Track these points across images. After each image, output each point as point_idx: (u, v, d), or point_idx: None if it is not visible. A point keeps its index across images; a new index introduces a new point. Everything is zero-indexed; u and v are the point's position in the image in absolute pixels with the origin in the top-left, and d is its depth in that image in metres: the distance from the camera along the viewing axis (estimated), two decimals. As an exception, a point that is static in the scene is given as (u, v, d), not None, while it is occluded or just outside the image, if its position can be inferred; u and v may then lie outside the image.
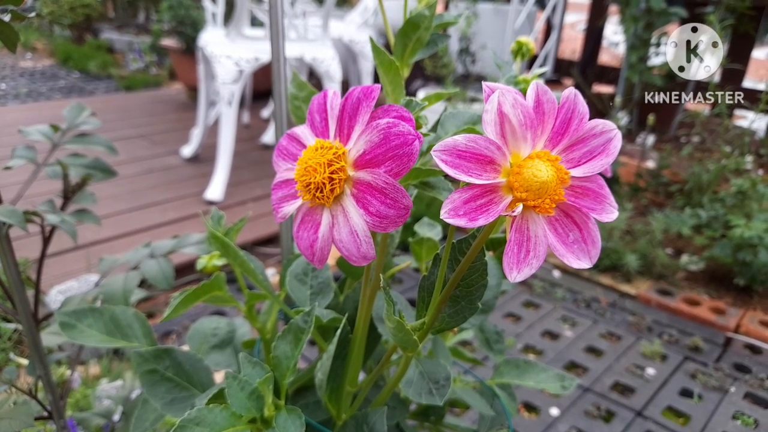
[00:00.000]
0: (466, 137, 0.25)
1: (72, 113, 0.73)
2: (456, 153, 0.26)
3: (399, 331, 0.33)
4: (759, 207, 1.73)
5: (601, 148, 0.27)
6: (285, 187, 0.34)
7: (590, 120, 0.27)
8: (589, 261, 0.27)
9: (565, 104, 0.27)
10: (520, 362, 0.64)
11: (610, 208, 0.28)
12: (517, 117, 0.26)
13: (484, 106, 0.26)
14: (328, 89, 0.34)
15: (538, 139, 0.27)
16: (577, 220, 0.27)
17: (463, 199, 0.26)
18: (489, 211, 0.26)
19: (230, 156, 2.14)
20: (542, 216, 0.27)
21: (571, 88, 0.27)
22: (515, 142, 0.26)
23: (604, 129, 0.27)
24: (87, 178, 0.63)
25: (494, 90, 0.26)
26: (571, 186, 0.27)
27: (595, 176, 0.28)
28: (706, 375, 1.40)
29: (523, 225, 0.27)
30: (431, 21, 0.50)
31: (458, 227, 0.26)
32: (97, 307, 0.57)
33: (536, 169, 0.26)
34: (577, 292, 1.77)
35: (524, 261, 0.26)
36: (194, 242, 0.64)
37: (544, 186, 0.26)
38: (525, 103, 0.26)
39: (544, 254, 0.27)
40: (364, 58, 2.65)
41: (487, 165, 0.26)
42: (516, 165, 0.26)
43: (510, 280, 0.26)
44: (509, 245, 0.26)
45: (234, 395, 0.38)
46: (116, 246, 1.77)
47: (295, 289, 0.49)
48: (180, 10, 3.19)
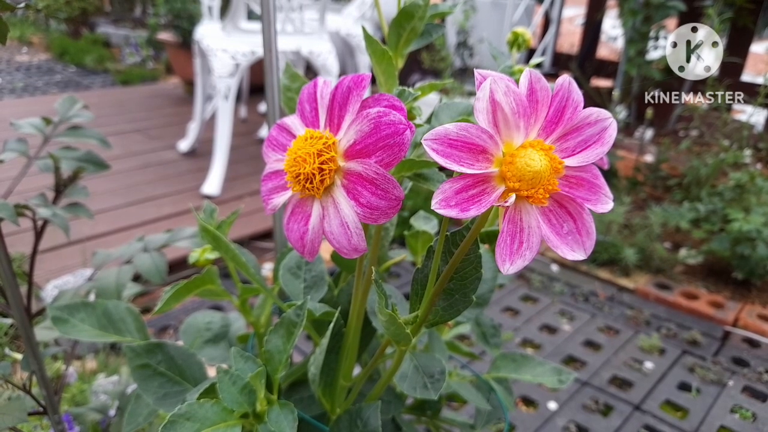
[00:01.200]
0: (458, 126, 0.25)
1: (64, 106, 0.72)
2: (447, 142, 0.25)
3: (391, 325, 0.32)
4: (757, 201, 1.73)
5: (596, 137, 0.27)
6: (275, 178, 0.34)
7: (585, 108, 0.27)
8: (584, 252, 0.27)
9: (559, 92, 0.27)
10: (516, 356, 0.63)
11: (605, 199, 0.28)
12: (510, 105, 0.25)
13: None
14: (318, 78, 0.33)
15: (531, 128, 0.26)
16: (572, 210, 0.27)
17: (454, 190, 0.25)
18: (481, 201, 0.25)
19: (227, 150, 2.13)
20: (535, 206, 0.26)
21: (565, 76, 0.27)
22: (508, 131, 0.26)
23: (599, 117, 0.27)
24: (79, 171, 0.62)
25: (486, 77, 0.25)
26: (565, 176, 0.27)
27: (589, 166, 0.27)
28: (704, 369, 1.40)
29: (516, 216, 0.26)
30: (425, 11, 0.49)
31: (452, 219, 0.26)
32: (89, 302, 0.56)
33: (529, 158, 0.25)
34: (575, 286, 1.77)
35: (517, 252, 0.26)
36: (187, 236, 0.64)
37: (538, 176, 0.25)
38: (518, 91, 0.25)
39: (538, 245, 0.26)
40: (361, 52, 2.63)
41: (479, 154, 0.26)
42: (509, 154, 0.26)
43: (503, 272, 0.25)
44: (501, 236, 0.26)
45: (225, 390, 0.38)
46: (112, 241, 1.76)
47: (288, 282, 0.48)
48: (176, 3, 3.17)
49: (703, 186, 2.01)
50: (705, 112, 2.29)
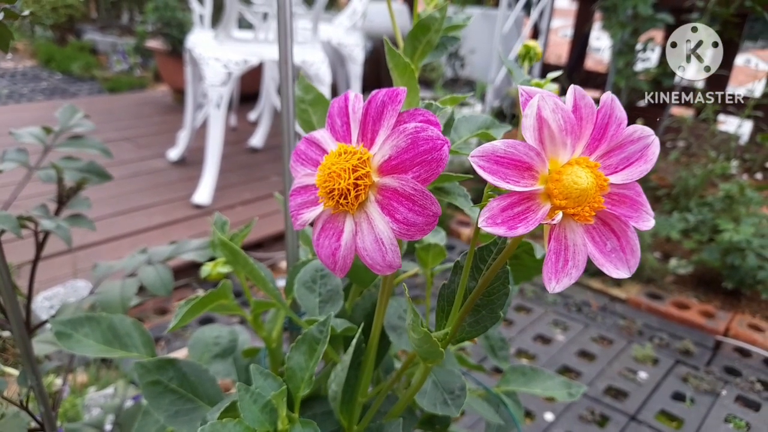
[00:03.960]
0: (505, 143, 0.25)
1: (65, 115, 0.71)
2: (494, 159, 0.25)
3: (425, 343, 0.32)
4: (747, 211, 1.75)
5: (638, 154, 0.27)
6: (304, 193, 0.33)
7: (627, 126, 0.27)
8: (628, 270, 0.26)
9: (602, 109, 0.26)
10: (526, 369, 0.63)
11: (647, 216, 0.27)
12: (557, 122, 0.25)
13: (521, 111, 0.25)
14: (349, 92, 0.33)
15: (577, 145, 0.26)
16: (615, 228, 0.27)
17: (500, 207, 0.25)
18: (527, 219, 0.25)
19: (218, 159, 2.12)
20: (580, 224, 0.26)
21: (609, 93, 0.26)
22: (554, 148, 0.25)
23: (642, 135, 0.27)
24: (83, 182, 0.61)
25: (531, 95, 0.25)
26: (609, 193, 0.27)
27: (632, 183, 0.27)
28: (697, 378, 1.41)
29: (560, 234, 0.26)
30: (442, 23, 0.49)
31: (498, 236, 0.25)
32: (94, 316, 0.55)
33: (576, 175, 0.25)
34: (568, 297, 1.77)
35: (563, 271, 0.25)
36: (193, 248, 0.63)
37: (584, 193, 0.25)
38: (566, 108, 0.25)
39: (584, 263, 0.26)
40: (352, 62, 2.64)
41: (524, 171, 0.25)
42: (555, 171, 0.25)
43: (549, 291, 0.25)
44: (548, 255, 0.25)
45: (247, 408, 0.37)
46: (102, 251, 1.74)
47: (303, 297, 0.47)
48: (166, 11, 3.15)
49: (692, 196, 2.03)
50: (693, 123, 2.32)
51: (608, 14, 2.54)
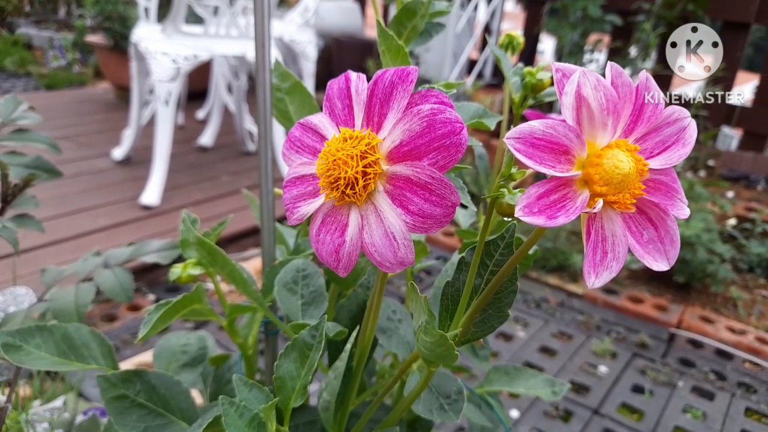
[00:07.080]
0: (544, 123, 0.22)
1: (7, 107, 0.65)
2: (531, 141, 0.22)
3: (438, 346, 0.29)
4: (696, 207, 1.80)
5: (675, 137, 0.25)
6: (301, 183, 0.30)
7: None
8: (667, 262, 0.24)
9: (639, 88, 0.24)
10: (509, 368, 0.61)
11: (681, 204, 0.26)
12: (599, 100, 0.23)
13: (556, 90, 0.23)
14: (349, 72, 0.30)
15: (617, 127, 0.24)
16: (653, 216, 0.25)
17: (537, 195, 0.23)
18: (566, 207, 0.23)
19: (167, 158, 2.03)
20: (618, 213, 0.24)
21: (645, 71, 0.24)
22: (593, 130, 0.23)
23: (679, 117, 0.25)
24: (30, 178, 0.56)
25: (568, 73, 0.23)
26: (645, 180, 0.25)
27: (669, 169, 0.25)
28: (654, 371, 1.44)
29: (598, 224, 0.24)
30: (428, 8, 0.47)
31: (537, 225, 0.23)
32: (46, 325, 0.50)
33: (618, 159, 0.23)
34: (527, 293, 1.79)
35: (602, 263, 0.23)
36: (155, 249, 0.58)
37: (626, 179, 0.23)
38: (608, 85, 0.23)
39: (625, 255, 0.24)
40: (305, 59, 2.58)
41: (561, 155, 0.23)
42: (594, 155, 0.23)
43: (588, 286, 0.23)
44: (586, 248, 0.23)
45: (232, 424, 0.33)
46: (43, 255, 1.63)
47: (284, 299, 0.44)
48: (107, 5, 3.01)
49: (642, 193, 2.08)
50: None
51: (558, 16, 2.58)
